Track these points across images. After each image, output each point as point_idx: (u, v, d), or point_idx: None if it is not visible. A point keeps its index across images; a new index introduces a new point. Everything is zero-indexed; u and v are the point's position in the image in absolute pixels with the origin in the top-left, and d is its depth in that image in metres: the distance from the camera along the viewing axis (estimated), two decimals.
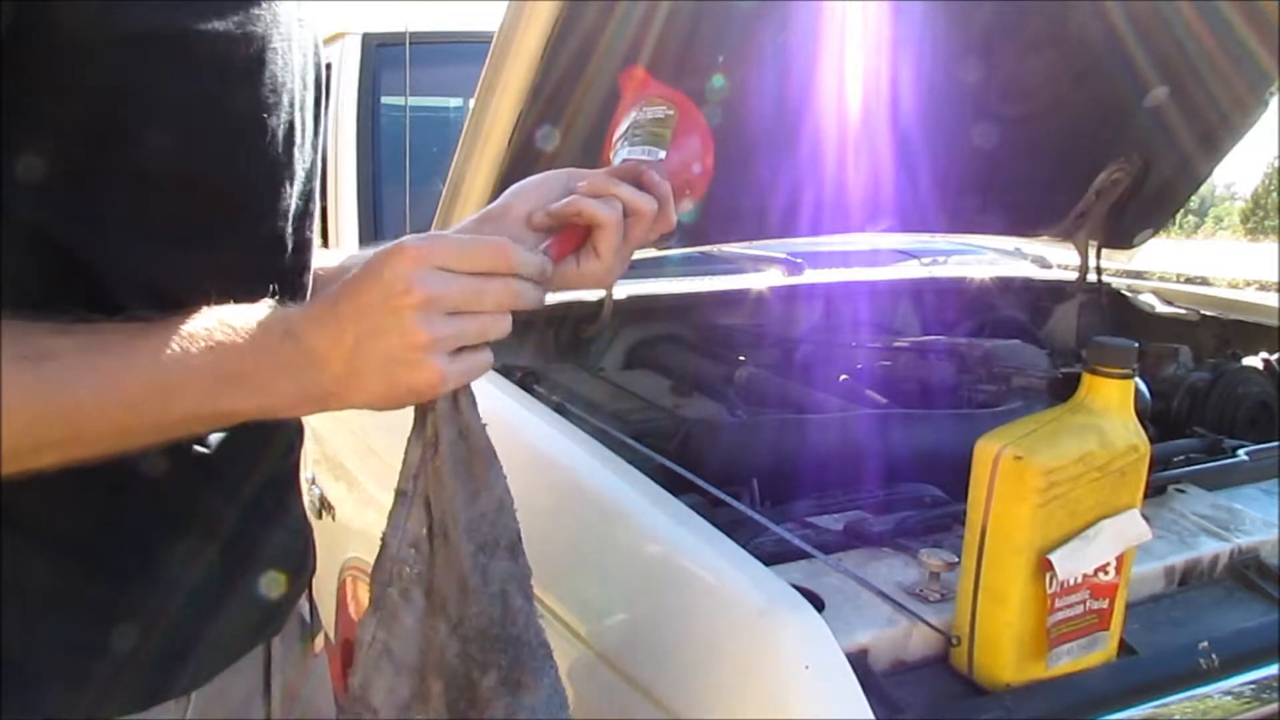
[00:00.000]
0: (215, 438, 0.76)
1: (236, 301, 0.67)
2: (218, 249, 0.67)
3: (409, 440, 0.72)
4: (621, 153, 0.85)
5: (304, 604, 0.95)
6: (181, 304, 0.65)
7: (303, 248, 0.82)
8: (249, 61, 0.70)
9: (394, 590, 0.72)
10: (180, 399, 0.64)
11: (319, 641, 0.99)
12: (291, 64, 0.75)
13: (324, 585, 0.77)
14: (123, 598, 0.72)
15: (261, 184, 0.75)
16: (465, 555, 0.70)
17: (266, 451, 0.82)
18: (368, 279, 0.66)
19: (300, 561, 0.91)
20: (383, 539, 0.72)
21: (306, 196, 0.82)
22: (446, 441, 0.70)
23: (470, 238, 0.69)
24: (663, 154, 0.84)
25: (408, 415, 0.72)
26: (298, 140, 0.77)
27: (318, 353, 0.65)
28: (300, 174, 0.79)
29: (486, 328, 0.68)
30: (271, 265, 0.77)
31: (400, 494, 0.72)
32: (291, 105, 0.76)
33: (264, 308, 0.67)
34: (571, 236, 0.77)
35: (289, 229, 0.78)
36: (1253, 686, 0.92)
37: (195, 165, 0.69)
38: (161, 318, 0.64)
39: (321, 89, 0.84)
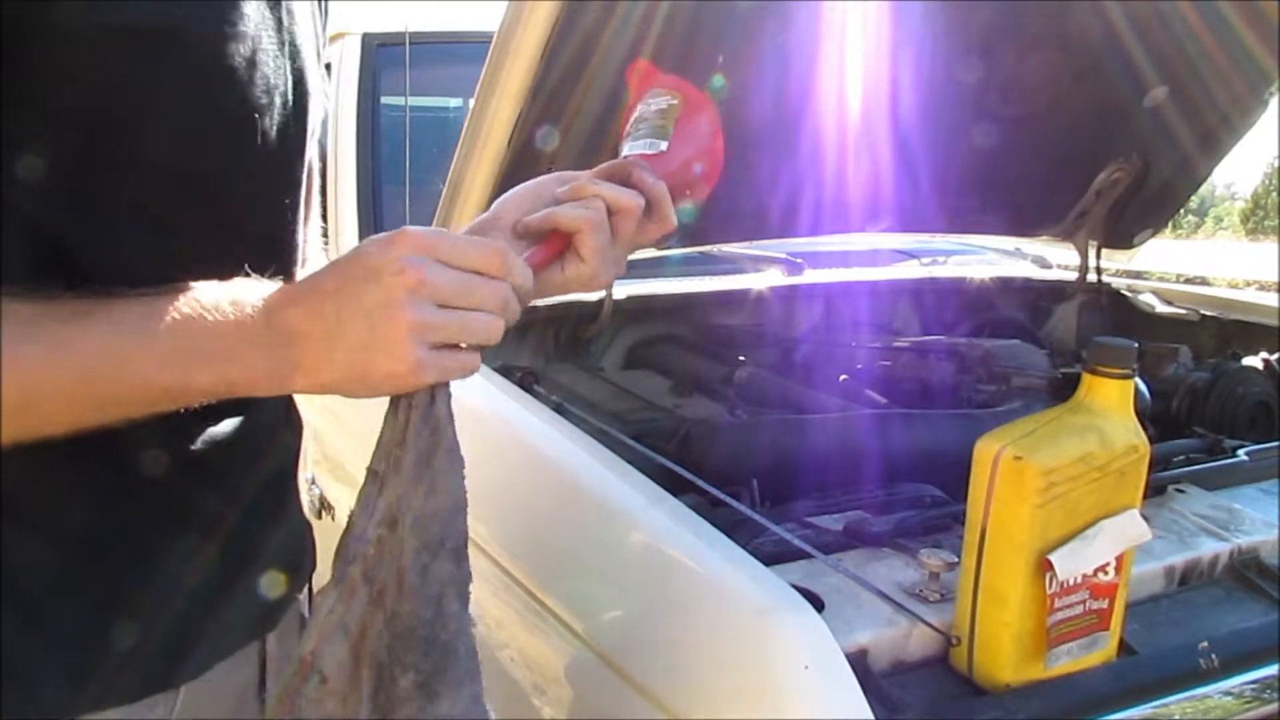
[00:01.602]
0: (213, 436, 0.76)
1: None
2: (209, 245, 0.67)
3: (385, 418, 0.71)
4: (625, 148, 0.83)
5: (304, 602, 0.94)
6: None
7: (294, 249, 0.82)
8: (241, 61, 0.70)
9: (355, 569, 0.69)
10: (134, 368, 0.62)
11: None
12: (285, 67, 0.75)
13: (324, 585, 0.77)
14: (118, 592, 0.72)
15: (254, 183, 0.75)
16: (408, 551, 0.67)
17: (264, 451, 0.82)
18: (359, 257, 0.65)
19: (298, 560, 0.91)
20: (351, 517, 0.71)
21: (300, 199, 0.82)
22: (414, 434, 0.69)
23: (469, 237, 0.69)
24: (664, 145, 0.81)
25: None
26: (292, 143, 0.77)
27: (289, 328, 0.65)
28: (294, 176, 0.79)
29: (468, 323, 0.67)
30: (263, 265, 0.77)
31: (372, 472, 0.71)
32: (285, 107, 0.76)
33: (231, 285, 0.66)
34: (552, 244, 0.76)
35: (281, 230, 0.78)
36: (1253, 686, 0.92)
37: (188, 162, 0.69)
38: (123, 292, 0.63)
39: (321, 93, 0.84)
